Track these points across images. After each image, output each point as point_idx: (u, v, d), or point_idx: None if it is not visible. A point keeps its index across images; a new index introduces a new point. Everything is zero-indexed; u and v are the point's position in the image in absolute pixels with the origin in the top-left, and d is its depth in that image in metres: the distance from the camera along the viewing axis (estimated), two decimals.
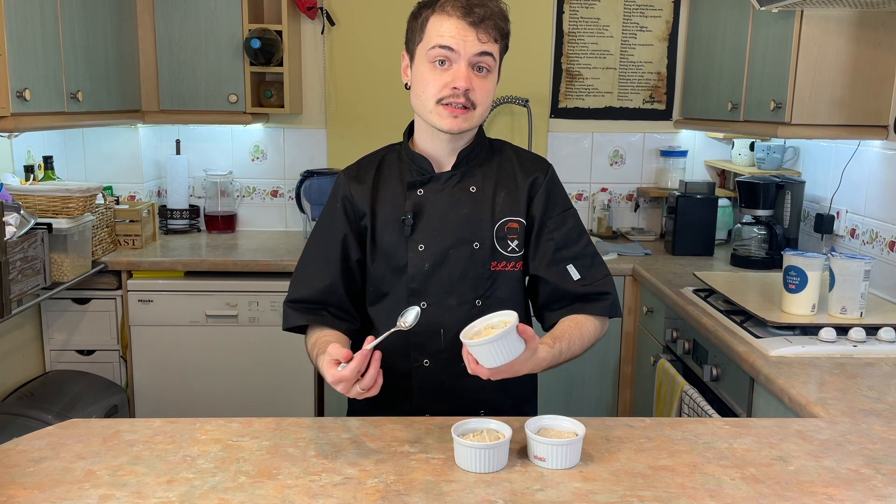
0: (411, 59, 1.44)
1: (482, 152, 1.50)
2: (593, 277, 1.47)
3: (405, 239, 1.44)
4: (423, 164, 1.48)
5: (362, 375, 1.21)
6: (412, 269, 1.44)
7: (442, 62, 1.37)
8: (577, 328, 1.41)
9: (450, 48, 1.35)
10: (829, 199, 2.61)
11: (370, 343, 1.22)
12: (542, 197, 1.47)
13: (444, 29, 1.36)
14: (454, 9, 1.36)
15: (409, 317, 1.28)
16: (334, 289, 1.47)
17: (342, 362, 1.21)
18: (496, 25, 1.37)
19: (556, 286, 1.45)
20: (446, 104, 1.37)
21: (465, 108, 1.38)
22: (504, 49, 1.43)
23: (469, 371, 1.21)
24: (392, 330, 1.27)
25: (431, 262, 1.44)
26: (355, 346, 1.55)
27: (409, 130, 1.52)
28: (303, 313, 1.46)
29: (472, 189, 1.47)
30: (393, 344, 1.47)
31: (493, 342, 1.15)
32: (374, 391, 1.23)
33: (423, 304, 1.44)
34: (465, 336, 1.19)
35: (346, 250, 1.47)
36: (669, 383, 2.19)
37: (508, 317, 1.19)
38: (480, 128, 1.51)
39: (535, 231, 1.47)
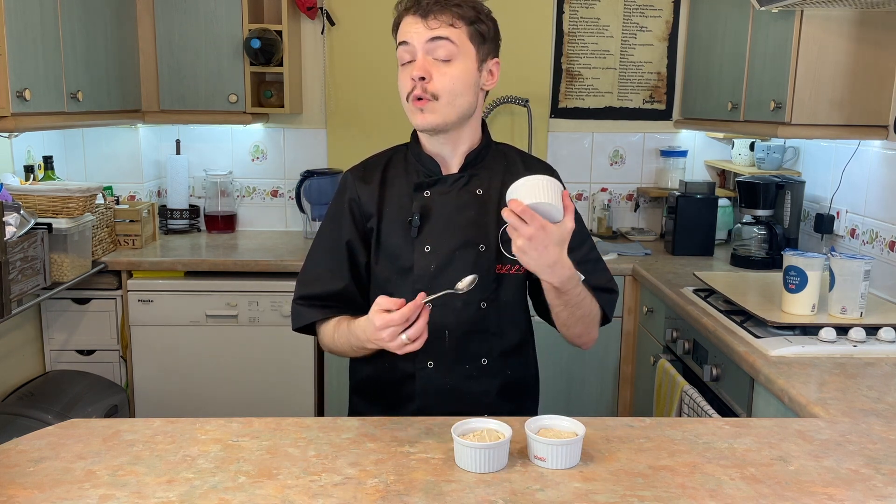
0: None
1: (489, 155, 1.51)
2: (598, 280, 1.48)
3: (411, 240, 1.44)
4: (431, 166, 1.48)
5: (410, 326, 1.23)
6: (418, 270, 1.44)
7: (410, 62, 1.39)
8: (589, 293, 1.42)
9: (405, 42, 1.38)
10: (829, 199, 2.61)
11: (423, 298, 1.24)
12: None
13: (402, 27, 1.40)
14: (407, 7, 1.40)
15: (465, 281, 1.30)
16: (347, 292, 1.47)
17: (392, 310, 1.23)
18: (447, 10, 1.37)
19: None
20: (413, 100, 1.39)
21: (426, 100, 1.37)
22: (476, 34, 1.40)
23: (505, 213, 1.22)
24: (446, 291, 1.29)
25: (437, 264, 1.44)
26: None
27: (416, 132, 1.52)
28: (317, 308, 1.47)
29: (479, 192, 1.47)
30: None
31: (540, 179, 1.21)
32: (418, 344, 1.24)
33: (428, 306, 1.44)
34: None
35: (353, 256, 1.48)
36: (669, 383, 2.19)
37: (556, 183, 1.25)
38: (486, 130, 1.52)
39: None
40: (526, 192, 1.22)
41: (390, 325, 1.22)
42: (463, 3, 1.38)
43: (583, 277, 1.42)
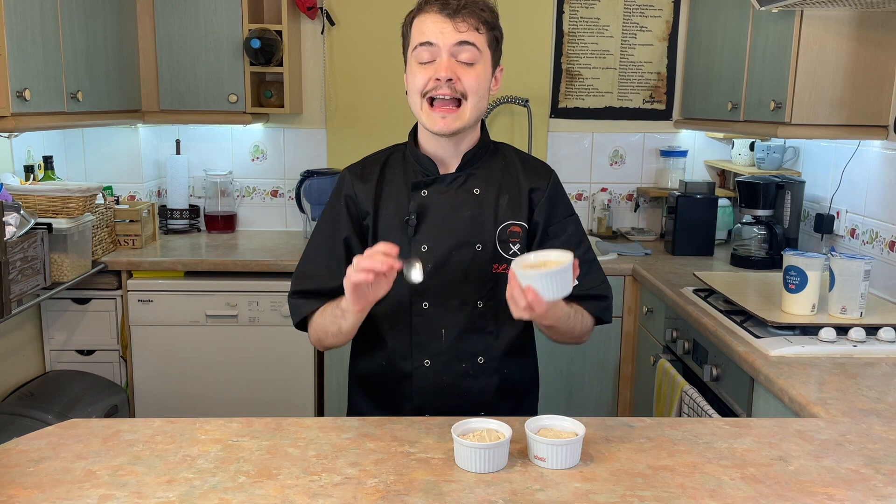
0: (405, 64, 1.46)
1: (486, 154, 1.51)
2: (590, 283, 1.49)
3: (408, 239, 1.44)
4: (428, 166, 1.48)
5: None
6: None
7: (428, 61, 1.39)
8: (579, 310, 1.46)
9: (429, 42, 1.37)
10: (829, 199, 2.61)
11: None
12: (545, 204, 1.48)
13: (424, 26, 1.38)
14: (431, 5, 1.38)
15: (414, 274, 1.30)
16: (342, 288, 1.46)
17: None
18: (474, 14, 1.37)
19: None
20: (434, 104, 1.38)
21: (454, 104, 1.38)
22: (493, 40, 1.42)
23: (518, 309, 1.20)
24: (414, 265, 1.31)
25: (434, 263, 1.44)
26: (358, 344, 1.57)
27: (415, 131, 1.53)
28: (314, 300, 1.47)
29: (476, 191, 1.47)
30: (394, 344, 1.48)
31: (556, 275, 1.17)
32: (363, 275, 1.24)
33: (425, 305, 1.45)
34: (519, 266, 1.20)
35: (349, 253, 1.48)
36: (669, 383, 2.19)
37: (564, 255, 1.21)
38: (485, 129, 1.52)
39: (539, 237, 1.48)
40: (549, 288, 1.19)
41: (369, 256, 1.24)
42: (486, 7, 1.40)
43: (575, 282, 1.43)
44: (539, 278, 1.18)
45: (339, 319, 1.39)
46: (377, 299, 1.31)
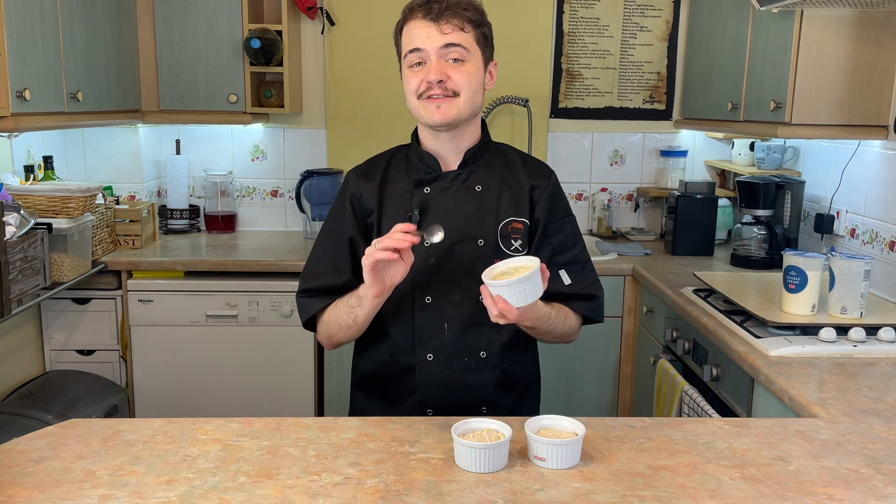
0: (400, 70, 1.48)
1: (488, 153, 1.53)
2: (583, 283, 1.52)
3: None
4: (431, 163, 1.50)
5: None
6: (418, 264, 1.45)
7: (418, 64, 1.42)
8: (563, 311, 1.48)
9: (418, 49, 1.41)
10: (829, 199, 2.61)
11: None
12: (545, 203, 1.51)
13: (412, 33, 1.42)
14: (416, 11, 1.42)
15: (436, 236, 1.35)
16: (349, 286, 1.48)
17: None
18: (457, 14, 1.40)
19: (548, 289, 1.47)
20: (427, 98, 1.42)
21: (446, 97, 1.41)
22: (481, 37, 1.44)
23: (493, 316, 1.25)
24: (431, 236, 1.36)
25: (437, 258, 1.46)
26: (361, 340, 1.57)
27: (417, 132, 1.55)
28: (322, 297, 1.49)
29: (478, 188, 1.49)
30: (397, 339, 1.48)
31: (523, 282, 1.21)
32: (382, 253, 1.28)
33: (428, 300, 1.46)
34: (488, 276, 1.25)
35: (354, 251, 1.50)
36: (669, 383, 2.19)
37: (531, 261, 1.25)
38: (485, 128, 1.54)
39: (538, 235, 1.50)
40: (517, 295, 1.23)
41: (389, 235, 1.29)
42: (469, 6, 1.42)
43: (568, 281, 1.46)
44: (507, 287, 1.22)
45: (354, 309, 1.41)
46: (394, 284, 1.34)
